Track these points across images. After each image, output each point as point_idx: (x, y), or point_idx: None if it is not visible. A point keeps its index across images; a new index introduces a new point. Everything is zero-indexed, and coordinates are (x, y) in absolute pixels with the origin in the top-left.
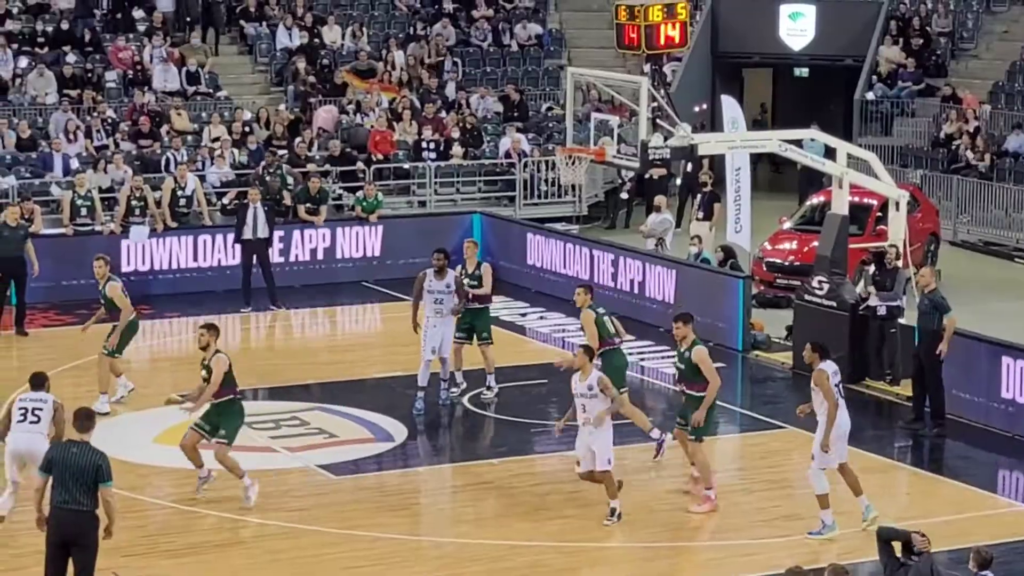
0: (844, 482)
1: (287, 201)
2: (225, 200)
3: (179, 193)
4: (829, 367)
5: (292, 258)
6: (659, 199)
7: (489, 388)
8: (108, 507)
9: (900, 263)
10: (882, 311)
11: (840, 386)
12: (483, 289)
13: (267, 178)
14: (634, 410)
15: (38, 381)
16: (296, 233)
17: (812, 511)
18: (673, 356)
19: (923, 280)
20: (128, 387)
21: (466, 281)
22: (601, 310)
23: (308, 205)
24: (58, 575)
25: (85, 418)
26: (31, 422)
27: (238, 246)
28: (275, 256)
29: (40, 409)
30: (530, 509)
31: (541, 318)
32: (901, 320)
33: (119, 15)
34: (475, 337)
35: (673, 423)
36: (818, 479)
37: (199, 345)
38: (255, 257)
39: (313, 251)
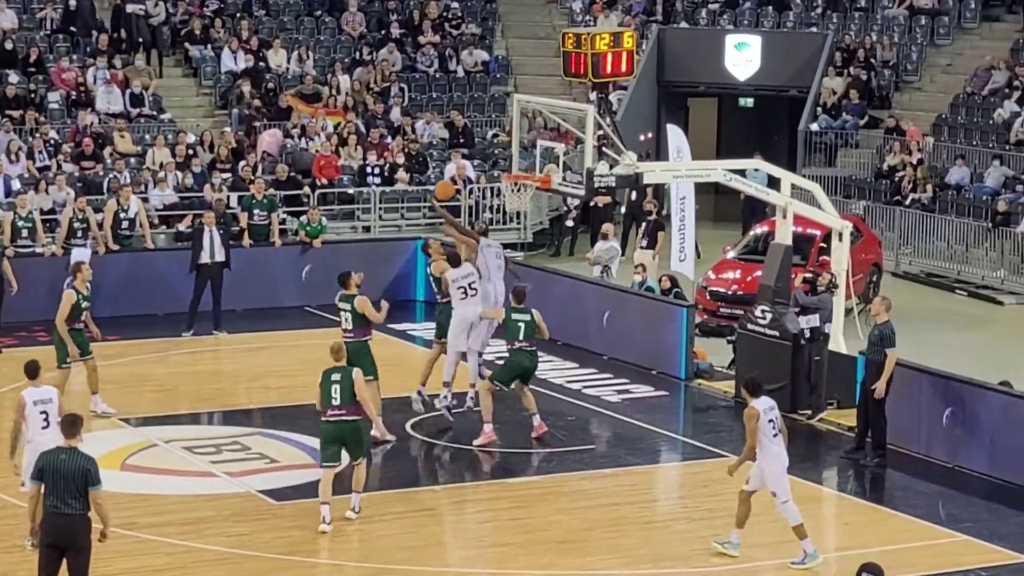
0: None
1: (242, 224)
2: (182, 226)
3: (121, 216)
4: (762, 404)
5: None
6: (607, 227)
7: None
8: (100, 509)
9: (830, 290)
10: (807, 334)
11: (778, 418)
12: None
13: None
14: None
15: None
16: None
17: (753, 540)
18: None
19: (873, 310)
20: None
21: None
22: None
23: (258, 212)
24: None
25: (71, 424)
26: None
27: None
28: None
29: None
30: (471, 536)
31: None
32: (842, 350)
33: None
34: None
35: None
36: (789, 512)
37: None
38: (209, 282)
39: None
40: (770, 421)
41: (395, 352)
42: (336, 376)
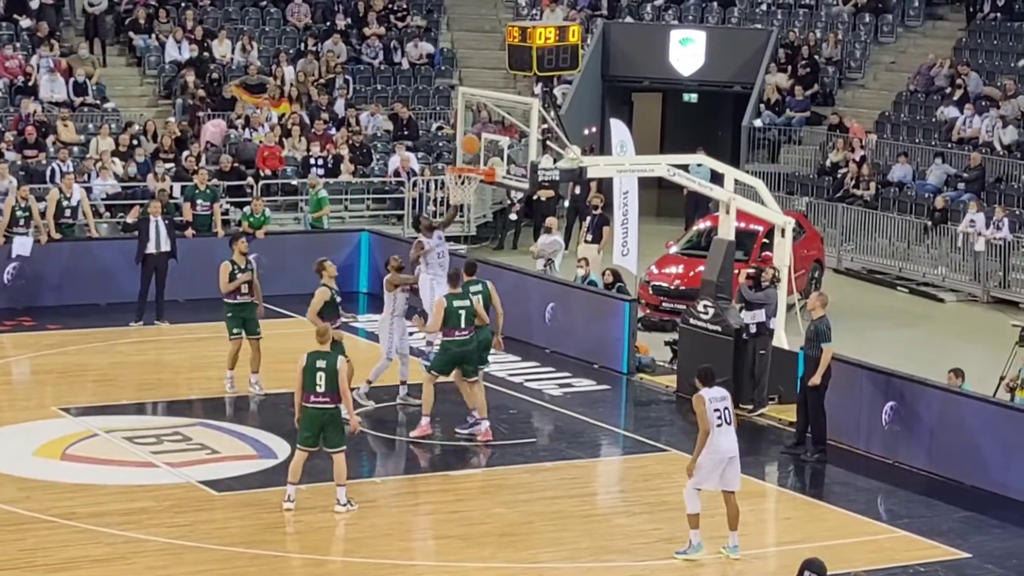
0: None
1: (187, 216)
2: (129, 219)
3: (64, 204)
4: (709, 393)
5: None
6: (551, 220)
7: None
8: None
9: (774, 285)
10: (752, 329)
11: (727, 411)
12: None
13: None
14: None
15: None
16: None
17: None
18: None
19: (809, 306)
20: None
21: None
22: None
23: (201, 202)
24: None
25: None
26: None
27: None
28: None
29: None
30: (412, 529)
31: (428, 344)
32: (784, 346)
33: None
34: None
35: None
36: (690, 498)
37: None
38: (155, 272)
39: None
40: (715, 411)
41: None
42: (321, 362)
